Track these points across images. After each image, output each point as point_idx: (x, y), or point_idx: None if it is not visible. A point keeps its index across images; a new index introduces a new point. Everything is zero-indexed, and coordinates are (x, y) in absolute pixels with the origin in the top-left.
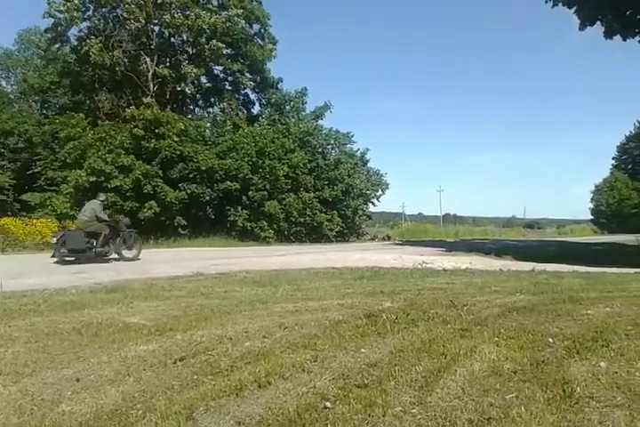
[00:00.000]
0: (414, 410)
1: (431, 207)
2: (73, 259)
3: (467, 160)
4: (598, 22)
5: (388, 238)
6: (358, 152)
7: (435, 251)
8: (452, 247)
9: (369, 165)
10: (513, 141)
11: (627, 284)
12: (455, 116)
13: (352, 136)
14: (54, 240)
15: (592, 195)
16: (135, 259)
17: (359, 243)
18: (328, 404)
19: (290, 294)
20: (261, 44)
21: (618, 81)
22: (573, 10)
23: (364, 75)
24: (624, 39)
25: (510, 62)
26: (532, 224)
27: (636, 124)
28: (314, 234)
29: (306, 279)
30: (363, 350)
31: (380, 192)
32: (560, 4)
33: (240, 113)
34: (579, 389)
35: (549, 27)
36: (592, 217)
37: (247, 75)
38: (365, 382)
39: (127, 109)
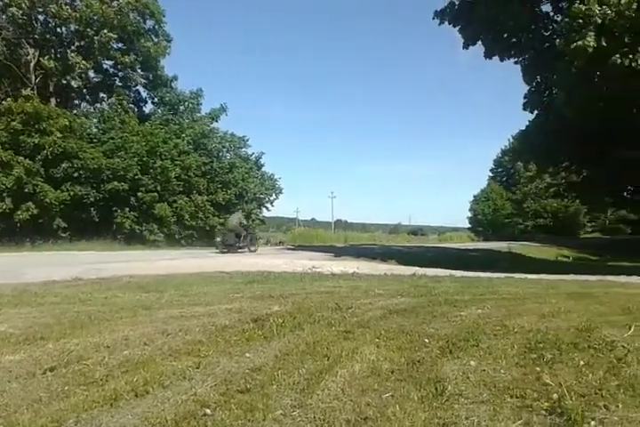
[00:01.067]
0: (295, 413)
1: (324, 213)
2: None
3: (360, 169)
4: (480, 42)
5: (281, 243)
6: (253, 156)
7: (325, 256)
8: (341, 252)
9: (263, 169)
10: (404, 152)
11: (497, 287)
12: (352, 125)
13: (247, 140)
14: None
15: (470, 204)
16: (255, 251)
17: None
18: (208, 411)
19: (176, 300)
20: (155, 40)
21: (501, 97)
22: (458, 29)
23: (264, 79)
24: (501, 60)
25: (412, 74)
26: (415, 231)
27: (510, 139)
28: (206, 238)
29: (194, 284)
30: (248, 355)
31: (273, 197)
32: (446, 23)
33: (130, 111)
34: (450, 387)
35: (444, 41)
36: (470, 225)
37: (139, 71)
38: (248, 386)
39: (4, 102)
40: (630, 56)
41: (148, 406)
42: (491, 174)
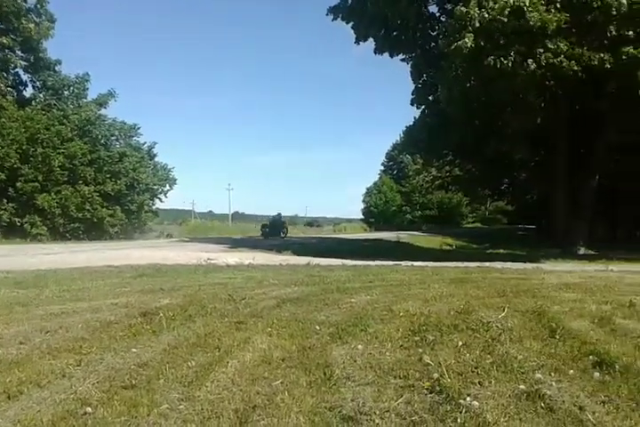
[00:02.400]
0: (181, 406)
1: (222, 206)
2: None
3: (258, 159)
4: (372, 39)
5: (170, 236)
6: (145, 145)
7: (220, 248)
8: (237, 244)
9: (156, 159)
10: (302, 144)
11: (386, 274)
12: (252, 116)
13: (139, 128)
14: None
15: (363, 197)
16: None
17: (145, 240)
18: (89, 409)
19: (57, 296)
20: (37, 20)
21: (396, 92)
22: (351, 25)
23: (165, 68)
24: (391, 56)
25: (314, 66)
26: (312, 222)
27: (401, 134)
28: (94, 231)
29: (78, 279)
30: (134, 350)
31: (167, 187)
32: (339, 19)
33: (10, 95)
34: (338, 371)
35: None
36: (363, 216)
37: (19, 53)
38: (133, 382)
39: None
40: (501, 58)
41: (22, 407)
42: (382, 168)
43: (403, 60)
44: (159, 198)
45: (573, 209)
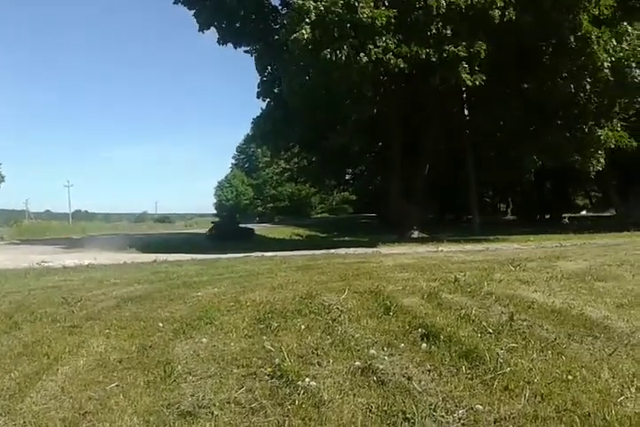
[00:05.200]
0: (0, 421)
1: (61, 204)
2: None
3: (99, 154)
4: (215, 28)
5: (4, 239)
6: None
7: (58, 249)
8: (77, 244)
9: None
10: (149, 137)
11: (236, 266)
12: (88, 107)
13: None
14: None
15: (215, 191)
16: None
17: None
18: None
19: None
20: None
21: (247, 85)
22: (193, 13)
23: None
24: (235, 47)
25: (155, 55)
26: (162, 219)
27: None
28: None
29: None
30: None
31: None
32: (180, 4)
33: None
34: (179, 367)
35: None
36: (216, 211)
37: None
38: None
39: None
40: (337, 51)
41: None
42: (234, 161)
43: (246, 51)
44: None
45: (407, 196)
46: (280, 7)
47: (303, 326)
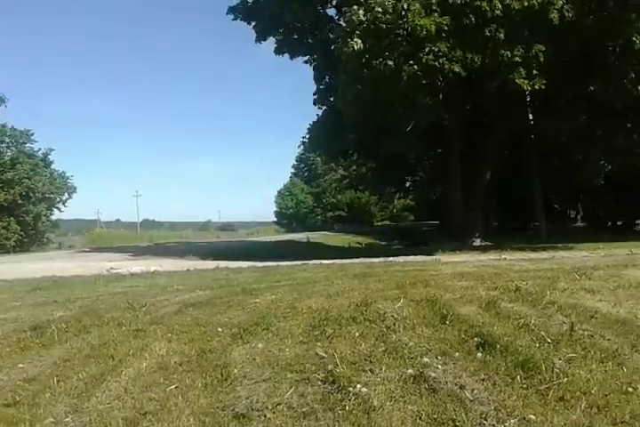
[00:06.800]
0: (67, 419)
1: (130, 213)
2: None
3: (168, 167)
4: (273, 39)
5: (77, 247)
6: (40, 152)
7: (126, 256)
8: (144, 252)
9: (53, 166)
10: (214, 150)
11: (293, 274)
12: (159, 123)
13: (32, 134)
14: None
15: (275, 199)
16: None
17: (43, 253)
18: None
19: None
20: None
21: (304, 95)
22: (252, 26)
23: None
24: (291, 58)
25: (226, 68)
26: (225, 227)
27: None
28: None
29: None
30: (21, 366)
31: (66, 196)
32: (239, 19)
33: None
34: (235, 371)
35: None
36: (276, 219)
37: None
38: (17, 398)
39: None
40: (387, 60)
41: None
42: (293, 170)
43: (305, 62)
44: (57, 208)
45: (468, 203)
46: (336, 17)
47: (357, 334)
